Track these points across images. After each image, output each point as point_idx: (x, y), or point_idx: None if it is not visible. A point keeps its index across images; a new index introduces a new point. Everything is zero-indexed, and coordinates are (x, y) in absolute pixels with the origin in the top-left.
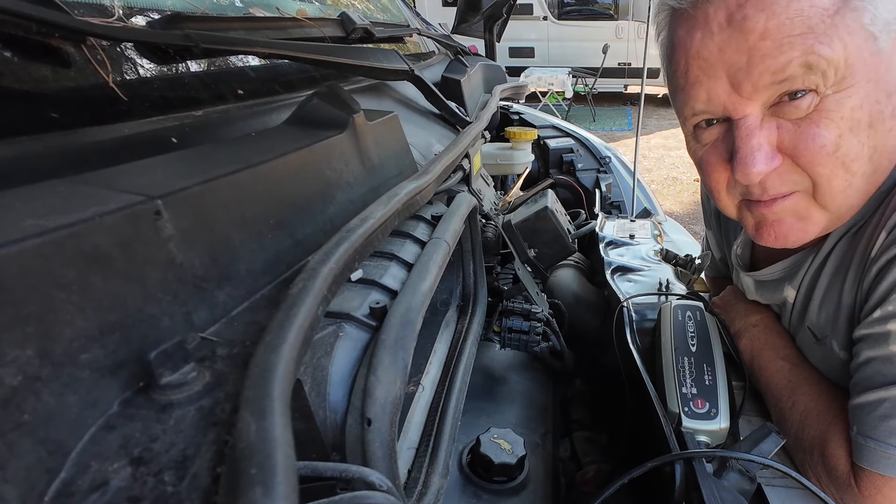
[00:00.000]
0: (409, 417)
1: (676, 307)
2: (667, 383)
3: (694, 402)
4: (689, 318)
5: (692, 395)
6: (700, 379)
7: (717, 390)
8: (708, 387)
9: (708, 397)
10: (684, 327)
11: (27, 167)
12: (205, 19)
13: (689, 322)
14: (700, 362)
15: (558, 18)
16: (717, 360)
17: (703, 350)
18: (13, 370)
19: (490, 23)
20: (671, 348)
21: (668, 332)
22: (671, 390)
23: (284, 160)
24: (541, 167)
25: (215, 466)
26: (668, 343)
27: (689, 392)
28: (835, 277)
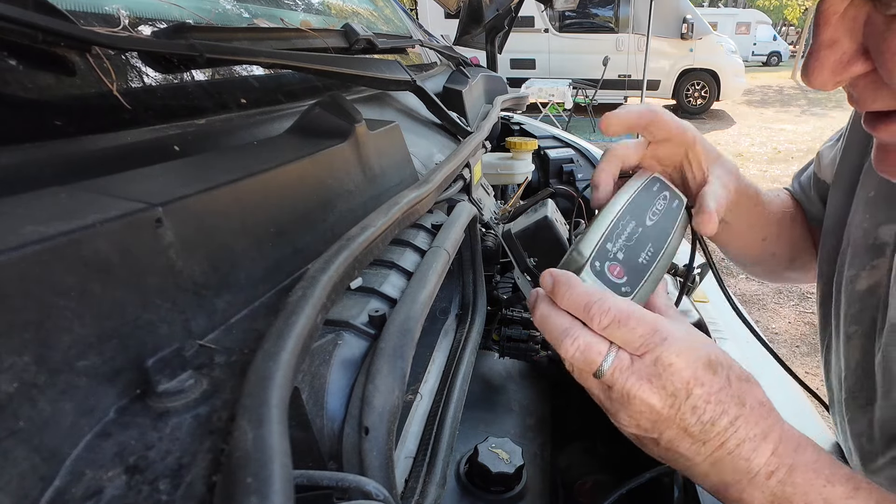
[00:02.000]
0: (406, 426)
1: (655, 179)
2: (591, 230)
3: (611, 266)
4: (663, 197)
5: (614, 256)
6: (634, 252)
7: (646, 274)
8: (639, 265)
9: (631, 273)
10: (652, 200)
11: (30, 174)
12: (209, 29)
13: (660, 201)
14: (646, 238)
15: (559, 31)
16: (666, 253)
17: (658, 231)
18: (9, 377)
19: (492, 34)
20: (621, 205)
21: (629, 193)
22: (592, 236)
23: (286, 169)
24: (541, 177)
25: (211, 475)
26: (620, 201)
27: (612, 251)
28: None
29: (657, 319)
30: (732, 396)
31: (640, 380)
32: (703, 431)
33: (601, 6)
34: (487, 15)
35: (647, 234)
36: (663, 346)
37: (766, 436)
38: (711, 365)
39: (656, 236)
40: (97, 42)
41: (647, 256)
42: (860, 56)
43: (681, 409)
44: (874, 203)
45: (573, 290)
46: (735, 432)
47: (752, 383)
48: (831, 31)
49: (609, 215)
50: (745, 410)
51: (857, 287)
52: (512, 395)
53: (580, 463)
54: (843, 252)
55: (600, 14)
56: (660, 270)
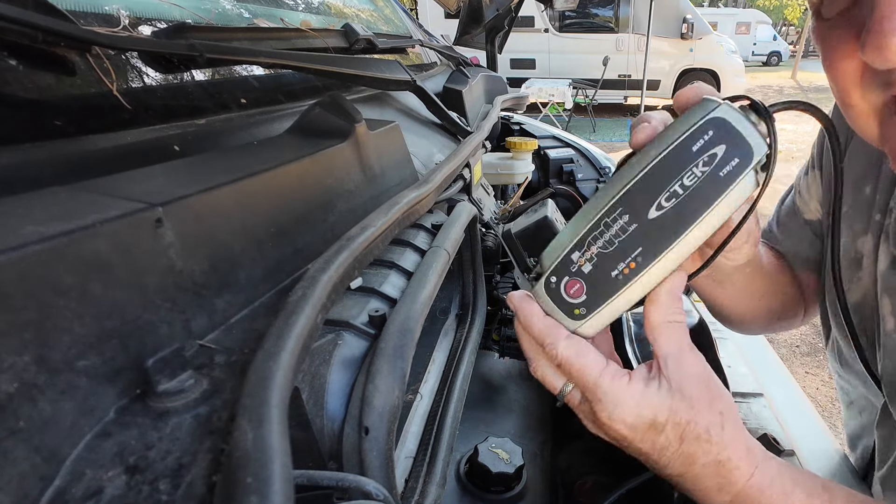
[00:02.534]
0: (406, 426)
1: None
2: (564, 232)
3: (570, 282)
4: (711, 156)
5: (577, 270)
6: (608, 262)
7: (612, 296)
8: (608, 280)
9: (593, 292)
10: (683, 166)
11: (30, 174)
12: (209, 29)
13: (700, 165)
14: (637, 240)
15: (559, 31)
16: (662, 264)
17: (664, 226)
18: (9, 377)
19: (492, 34)
20: (620, 188)
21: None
22: (559, 242)
23: (286, 169)
24: (541, 177)
25: (211, 475)
26: (621, 180)
27: (576, 263)
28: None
29: (599, 378)
30: (680, 455)
31: (586, 418)
32: (658, 467)
33: (601, 6)
34: (487, 15)
35: (642, 232)
36: (597, 406)
37: (722, 488)
38: (655, 426)
39: (657, 236)
40: (97, 42)
41: (627, 269)
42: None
43: (630, 447)
44: (850, 217)
45: (530, 321)
46: (684, 482)
47: (713, 441)
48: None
49: (589, 214)
50: (695, 469)
51: (851, 300)
52: (512, 395)
53: (580, 463)
54: None
55: (600, 14)
56: (641, 288)
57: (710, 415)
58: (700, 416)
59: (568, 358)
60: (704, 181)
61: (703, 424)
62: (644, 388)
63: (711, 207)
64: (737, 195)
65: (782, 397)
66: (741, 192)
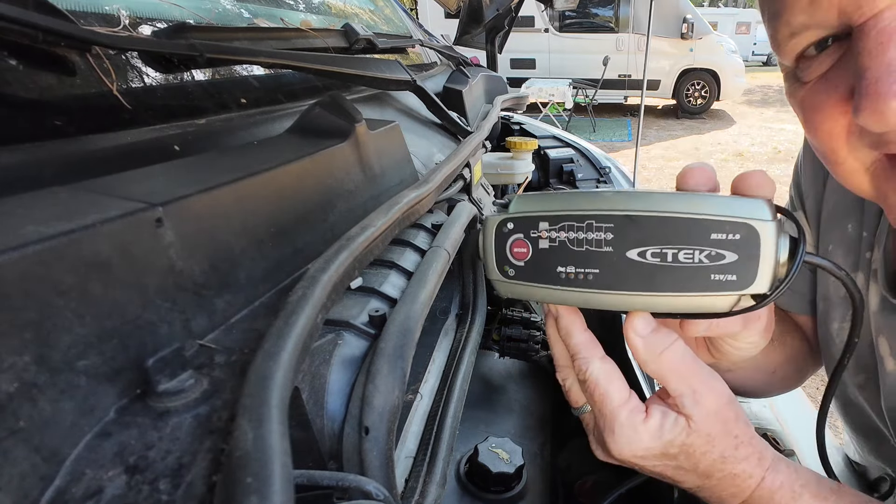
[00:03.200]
0: (406, 426)
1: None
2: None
3: (518, 242)
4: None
5: (534, 237)
6: (563, 256)
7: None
8: (551, 269)
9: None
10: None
11: (30, 174)
12: (209, 29)
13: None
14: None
15: (559, 31)
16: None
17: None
18: (10, 376)
19: (492, 34)
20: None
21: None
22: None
23: (286, 169)
24: (541, 177)
25: (211, 475)
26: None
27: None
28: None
29: (618, 409)
30: (695, 475)
31: (595, 443)
32: (674, 482)
33: (601, 6)
34: (487, 15)
35: (609, 262)
36: (608, 437)
37: (736, 496)
38: (668, 455)
39: (618, 276)
40: (97, 42)
41: (573, 276)
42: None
43: (643, 467)
44: (834, 255)
45: (570, 329)
46: (699, 492)
47: (727, 461)
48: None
49: (584, 205)
50: (711, 482)
51: (843, 338)
52: (512, 395)
53: (580, 462)
54: (818, 307)
55: (600, 14)
56: (570, 298)
57: (725, 441)
58: (715, 447)
59: (596, 379)
60: (693, 269)
61: (718, 452)
62: (659, 427)
63: (677, 294)
64: (707, 303)
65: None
66: (713, 303)
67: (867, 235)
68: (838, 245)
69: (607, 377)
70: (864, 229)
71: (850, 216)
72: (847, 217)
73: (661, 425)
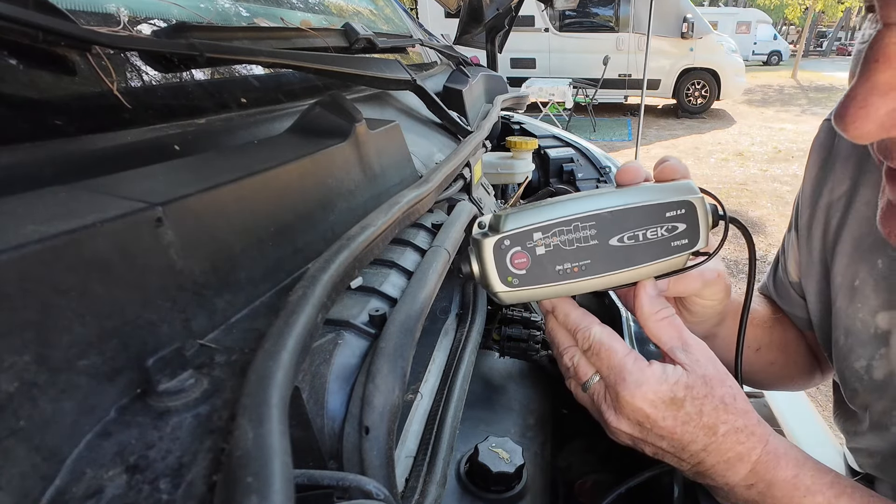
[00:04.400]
0: (407, 426)
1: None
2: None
3: (518, 254)
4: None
5: (531, 247)
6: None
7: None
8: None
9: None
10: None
11: (30, 174)
12: (209, 29)
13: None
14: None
15: (559, 30)
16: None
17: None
18: (10, 376)
19: (492, 34)
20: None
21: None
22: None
23: (286, 168)
24: (541, 176)
25: (211, 474)
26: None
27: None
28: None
29: (624, 358)
30: (702, 427)
31: (609, 408)
32: (678, 452)
33: (601, 5)
34: (487, 14)
35: (597, 252)
36: (620, 387)
37: (742, 457)
38: (675, 402)
39: (606, 261)
40: (97, 41)
41: (570, 270)
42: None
43: (649, 434)
44: (862, 291)
45: (567, 311)
46: (707, 456)
47: (730, 409)
48: (891, 74)
49: (568, 211)
50: (717, 438)
51: (875, 376)
52: (512, 395)
53: (581, 462)
54: (837, 341)
55: (600, 13)
56: (571, 289)
57: (723, 388)
58: (715, 389)
59: (600, 339)
60: (659, 242)
61: (719, 396)
62: (662, 371)
63: (651, 262)
64: (671, 264)
65: (782, 397)
66: (674, 263)
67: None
68: (866, 280)
69: (609, 335)
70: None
71: (878, 251)
72: (875, 252)
73: (664, 369)
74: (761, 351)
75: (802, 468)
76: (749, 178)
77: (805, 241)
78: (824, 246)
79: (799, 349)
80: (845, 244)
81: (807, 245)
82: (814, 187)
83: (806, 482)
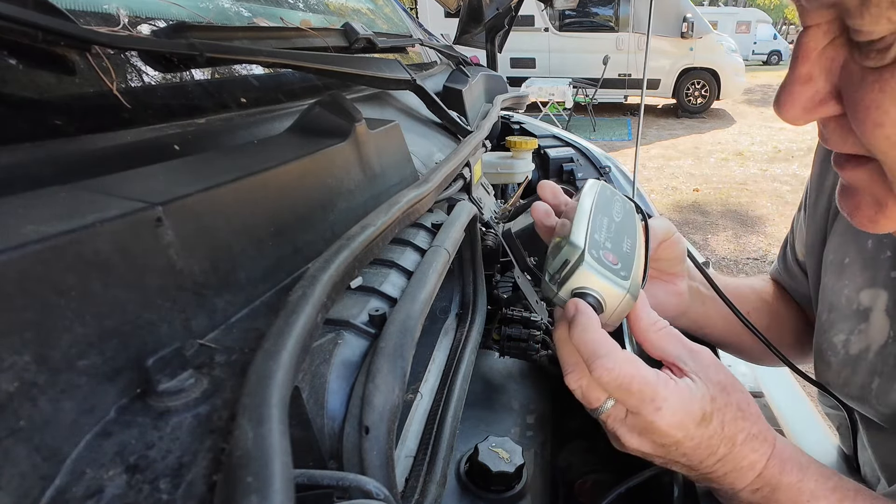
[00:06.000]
0: (407, 425)
1: (605, 185)
2: (576, 222)
3: (605, 253)
4: (618, 199)
5: (603, 245)
6: (617, 241)
7: (633, 260)
8: (625, 252)
9: (622, 260)
10: (611, 201)
11: (30, 174)
12: (209, 29)
13: (618, 202)
14: (621, 231)
15: (559, 30)
16: (640, 245)
17: (626, 223)
18: (10, 376)
19: (492, 34)
20: (591, 204)
21: (591, 196)
22: (579, 227)
23: (286, 168)
24: (541, 176)
25: (211, 474)
26: (587, 202)
27: (601, 241)
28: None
29: (657, 386)
30: (724, 439)
31: (631, 431)
32: (694, 465)
33: (601, 5)
34: (487, 14)
35: (620, 227)
36: (657, 415)
37: (754, 465)
38: (705, 419)
39: (627, 230)
40: (97, 41)
41: (628, 246)
42: (833, 97)
43: (670, 454)
44: (850, 269)
45: (585, 333)
46: (723, 466)
47: (747, 416)
48: (809, 66)
49: (585, 212)
50: (735, 449)
51: (850, 351)
52: (512, 395)
53: (581, 462)
54: (821, 316)
55: (600, 13)
56: (640, 259)
57: (737, 393)
58: (732, 396)
59: (627, 373)
60: (625, 209)
61: (735, 403)
62: (688, 388)
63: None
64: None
65: (782, 397)
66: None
67: (891, 254)
68: (855, 259)
69: (634, 363)
70: (885, 248)
71: (866, 232)
72: (866, 233)
73: (689, 387)
74: (752, 315)
75: (806, 472)
76: (749, 178)
77: (811, 221)
78: (826, 225)
79: (793, 323)
80: (840, 223)
81: (812, 224)
82: (820, 169)
83: (810, 486)
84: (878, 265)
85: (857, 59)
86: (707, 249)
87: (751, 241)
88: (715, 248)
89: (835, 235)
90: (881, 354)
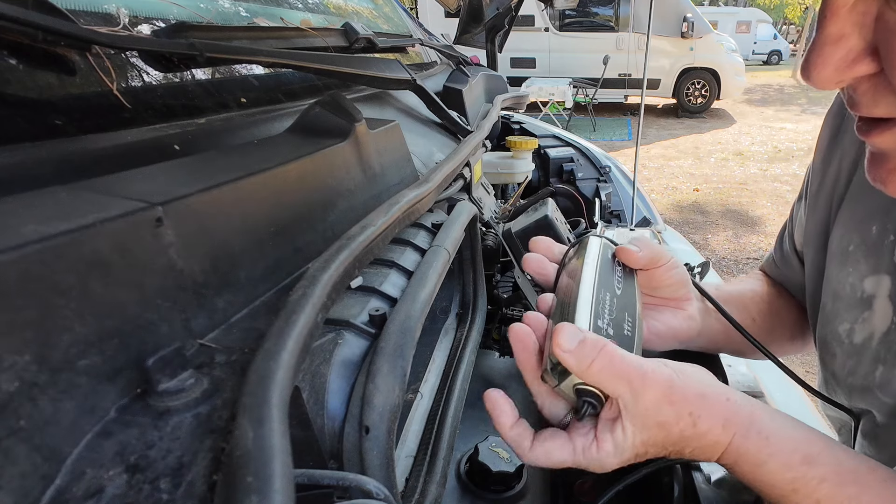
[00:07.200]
0: (407, 425)
1: (605, 244)
2: (580, 306)
3: None
4: (616, 263)
5: (608, 333)
6: (619, 325)
7: (633, 346)
8: (625, 337)
9: (624, 346)
10: (612, 267)
11: (30, 174)
12: (209, 28)
13: (617, 267)
14: (622, 308)
15: (559, 30)
16: (639, 320)
17: (627, 298)
18: (10, 376)
19: (492, 34)
20: (594, 277)
21: (594, 263)
22: (583, 312)
23: (286, 168)
24: (541, 176)
25: (212, 474)
26: (591, 272)
27: (604, 328)
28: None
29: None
30: (667, 451)
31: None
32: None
33: (601, 5)
34: (487, 14)
35: (621, 303)
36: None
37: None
38: (662, 427)
39: (627, 303)
40: (97, 41)
41: (629, 327)
42: (867, 55)
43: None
44: (854, 256)
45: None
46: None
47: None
48: (839, 24)
49: (588, 291)
50: (686, 452)
51: (855, 340)
52: (512, 394)
53: None
54: (825, 306)
55: (600, 13)
56: (639, 339)
57: (681, 424)
58: (671, 431)
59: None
60: (623, 273)
61: (676, 434)
62: (613, 446)
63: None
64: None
65: (782, 397)
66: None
67: (894, 239)
68: (859, 246)
69: (547, 458)
70: (890, 233)
71: (874, 219)
72: (871, 219)
73: (614, 444)
74: (757, 321)
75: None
76: (749, 178)
77: (812, 210)
78: (828, 214)
79: (792, 315)
80: (845, 211)
81: (813, 213)
82: (824, 156)
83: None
84: (882, 251)
85: (893, 7)
86: (707, 249)
87: (751, 241)
88: (715, 248)
89: (839, 224)
90: (884, 342)
